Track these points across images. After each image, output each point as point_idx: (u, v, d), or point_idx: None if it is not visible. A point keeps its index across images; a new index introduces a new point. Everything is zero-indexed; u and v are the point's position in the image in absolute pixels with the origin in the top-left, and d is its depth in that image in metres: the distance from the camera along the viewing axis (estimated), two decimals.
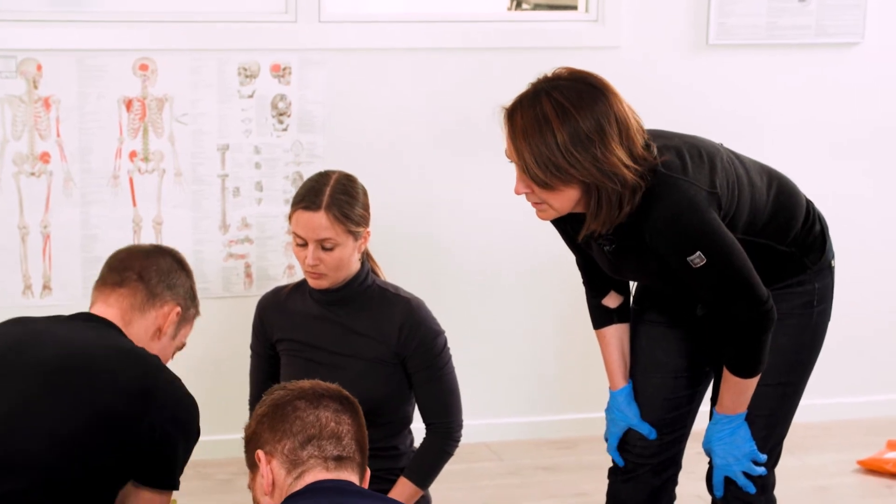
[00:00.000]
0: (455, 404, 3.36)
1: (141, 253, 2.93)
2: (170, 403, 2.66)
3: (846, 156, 4.81)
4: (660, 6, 4.58)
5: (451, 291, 4.58)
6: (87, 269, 4.27)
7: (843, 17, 4.66)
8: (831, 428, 4.87)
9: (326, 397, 2.42)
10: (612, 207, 2.80)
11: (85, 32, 4.21)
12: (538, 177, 2.77)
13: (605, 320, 3.22)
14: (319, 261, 3.21)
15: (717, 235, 2.85)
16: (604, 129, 2.75)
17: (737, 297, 2.90)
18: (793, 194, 3.12)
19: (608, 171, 2.75)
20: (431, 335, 3.29)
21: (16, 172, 4.21)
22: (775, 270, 3.04)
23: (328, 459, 2.37)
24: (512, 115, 2.82)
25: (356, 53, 4.39)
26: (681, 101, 4.61)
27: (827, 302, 3.15)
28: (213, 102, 4.31)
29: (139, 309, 2.84)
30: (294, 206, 3.26)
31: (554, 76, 2.84)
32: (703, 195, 2.85)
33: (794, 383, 3.15)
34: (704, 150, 2.96)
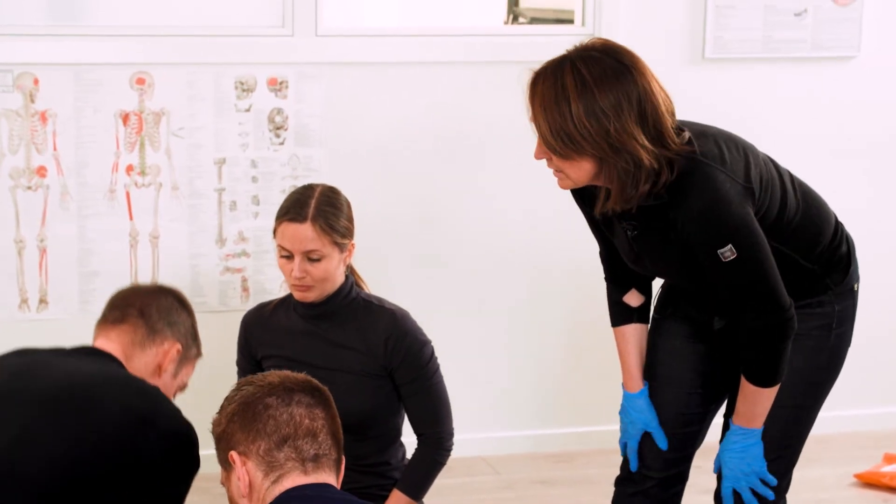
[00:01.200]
0: (445, 414, 3.35)
1: (142, 291, 2.95)
2: (170, 433, 2.65)
3: (843, 168, 4.82)
4: (656, 20, 4.59)
5: (448, 304, 4.59)
6: (84, 284, 4.27)
7: (838, 30, 4.68)
8: (828, 441, 4.86)
9: (298, 391, 2.38)
10: (624, 186, 2.78)
11: (82, 46, 4.21)
12: (551, 144, 2.77)
13: (626, 318, 3.17)
14: (306, 273, 3.20)
15: (750, 231, 2.82)
16: (621, 107, 2.74)
17: (759, 298, 2.86)
18: (822, 210, 3.09)
19: (620, 149, 2.73)
20: (418, 345, 3.28)
21: (12, 186, 4.21)
22: (796, 286, 2.98)
23: (306, 461, 2.33)
24: (535, 82, 2.82)
25: (353, 67, 4.40)
26: (677, 115, 4.61)
27: (847, 325, 3.09)
28: (210, 116, 4.31)
29: (139, 345, 2.84)
30: (279, 218, 3.25)
31: (586, 46, 2.84)
32: (740, 188, 2.82)
33: (808, 406, 3.10)
34: (741, 144, 2.95)
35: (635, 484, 3.22)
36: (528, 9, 5.48)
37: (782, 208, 2.96)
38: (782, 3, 4.61)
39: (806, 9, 4.63)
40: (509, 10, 5.59)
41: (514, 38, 4.70)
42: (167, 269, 4.34)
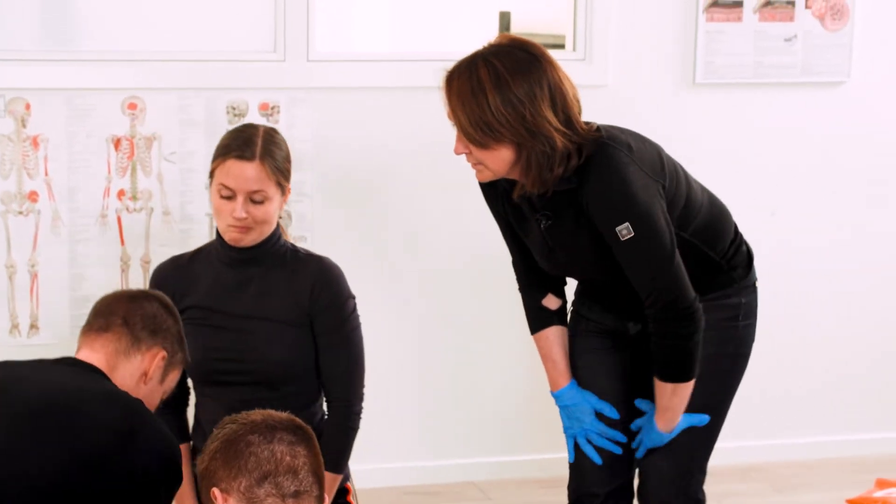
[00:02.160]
0: (357, 375, 3.28)
1: (126, 298, 2.93)
2: (152, 446, 2.64)
3: (833, 191, 4.84)
4: (647, 45, 4.61)
5: (437, 325, 4.59)
6: (75, 308, 4.26)
7: (828, 56, 4.70)
8: (820, 466, 4.87)
9: (280, 429, 2.40)
10: (542, 168, 2.92)
11: (73, 71, 4.22)
12: (472, 135, 2.92)
13: (546, 322, 3.27)
14: (248, 214, 3.16)
15: (649, 214, 2.93)
16: (535, 94, 2.90)
17: (663, 286, 2.96)
18: (723, 211, 3.23)
19: (537, 132, 2.89)
20: (343, 297, 3.25)
21: (4, 211, 4.21)
22: (706, 278, 3.11)
23: (286, 497, 2.35)
24: (450, 79, 2.98)
25: (344, 92, 4.41)
26: (668, 139, 4.58)
27: (752, 319, 3.23)
28: (202, 141, 4.31)
29: (124, 353, 2.82)
30: (222, 156, 3.18)
31: (495, 43, 3.01)
32: (644, 175, 2.95)
33: (719, 393, 3.21)
34: (648, 141, 3.09)
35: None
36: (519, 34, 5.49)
37: (689, 202, 3.09)
38: (772, 28, 4.63)
39: (796, 34, 4.65)
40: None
41: None
42: None
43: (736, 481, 4.71)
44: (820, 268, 4.87)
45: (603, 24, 4.55)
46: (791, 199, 4.81)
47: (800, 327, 4.87)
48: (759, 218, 4.75)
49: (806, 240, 4.84)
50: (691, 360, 3.04)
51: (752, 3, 4.61)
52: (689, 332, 3.00)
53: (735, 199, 4.71)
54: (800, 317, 4.86)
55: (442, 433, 4.65)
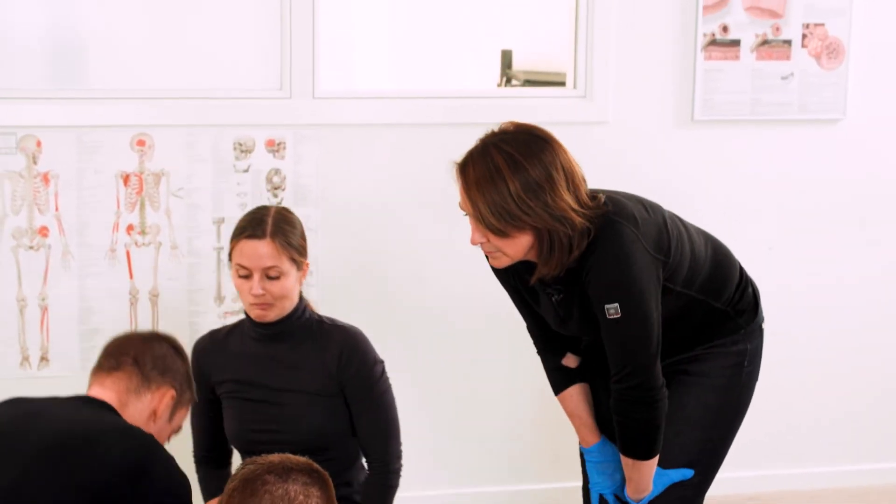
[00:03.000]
0: (392, 435, 3.35)
1: (137, 339, 2.99)
2: (163, 480, 2.69)
3: (828, 230, 4.88)
4: (646, 83, 4.66)
5: (437, 359, 4.63)
6: (85, 341, 4.32)
7: (824, 94, 4.75)
8: (821, 497, 4.89)
9: (295, 471, 2.47)
10: (563, 251, 2.91)
11: (83, 109, 4.28)
12: (493, 225, 2.89)
13: (569, 381, 3.28)
14: (265, 290, 3.23)
15: (642, 298, 2.92)
16: (552, 177, 2.88)
17: (632, 368, 2.96)
18: (727, 256, 3.23)
19: (559, 216, 2.87)
20: (370, 362, 3.32)
21: (14, 246, 4.27)
22: (711, 328, 3.14)
23: None
24: (464, 168, 2.95)
25: (349, 129, 4.46)
26: (667, 175, 4.69)
27: (757, 362, 3.24)
28: (209, 177, 4.37)
29: (135, 392, 2.88)
30: (236, 237, 3.28)
31: (501, 130, 2.98)
32: (647, 256, 2.94)
33: (716, 439, 3.22)
34: (651, 206, 3.08)
35: None
36: (521, 71, 5.56)
37: (693, 260, 3.08)
38: (769, 66, 4.69)
39: (792, 72, 4.71)
40: (503, 73, 5.67)
41: (508, 99, 4.78)
42: (167, 326, 4.37)
43: None
44: (817, 304, 4.91)
45: (603, 61, 4.61)
46: (788, 235, 4.85)
47: (799, 360, 4.90)
48: (757, 253, 4.80)
49: (803, 276, 4.89)
50: (649, 442, 3.05)
51: (749, 42, 4.67)
52: (646, 418, 3.01)
53: (732, 235, 4.76)
54: (799, 350, 4.90)
55: (450, 463, 4.68)
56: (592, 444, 3.27)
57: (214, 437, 3.45)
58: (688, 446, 3.16)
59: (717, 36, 4.64)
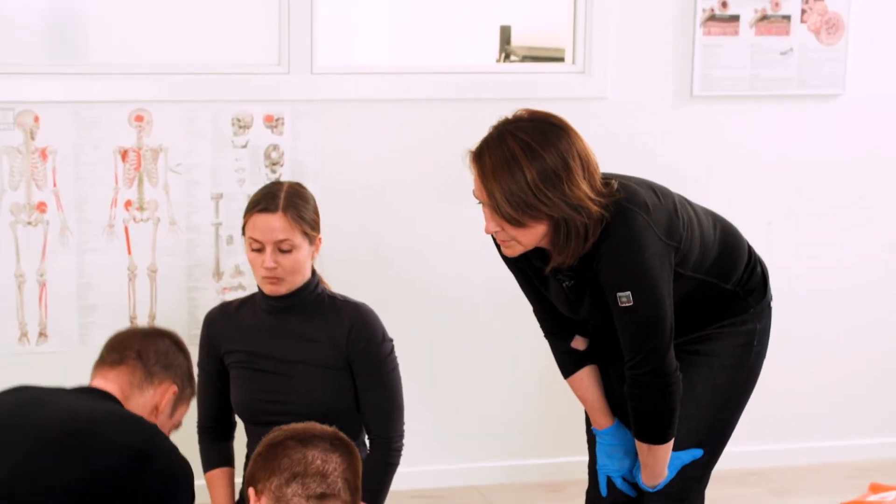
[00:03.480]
0: (396, 413, 3.38)
1: (140, 334, 3.01)
2: (167, 467, 2.69)
3: (826, 205, 4.89)
4: (645, 58, 4.66)
5: (440, 336, 4.64)
6: (83, 317, 4.33)
7: (823, 69, 4.75)
8: (815, 471, 4.91)
9: (317, 437, 2.49)
10: (579, 240, 2.88)
11: (81, 85, 4.28)
12: (510, 215, 2.85)
13: (578, 364, 3.25)
14: (277, 264, 3.25)
15: (653, 284, 2.91)
16: (569, 165, 2.84)
17: (645, 355, 2.95)
18: (735, 237, 3.21)
19: (576, 205, 2.84)
20: (378, 339, 3.34)
21: (13, 222, 4.27)
22: (720, 309, 3.14)
23: (310, 498, 2.41)
24: (480, 156, 2.89)
25: (347, 104, 4.46)
26: (666, 151, 4.69)
27: (764, 343, 3.23)
28: (208, 152, 4.37)
29: (137, 386, 2.89)
30: (249, 211, 3.30)
31: (515, 118, 2.92)
32: (659, 243, 2.92)
33: (726, 418, 3.23)
34: (662, 191, 3.05)
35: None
36: (519, 47, 5.55)
37: (703, 245, 3.06)
38: (769, 42, 4.69)
39: (792, 48, 4.71)
40: (501, 48, 5.66)
41: (507, 75, 4.77)
42: (165, 302, 4.40)
43: (733, 486, 4.75)
44: (815, 277, 4.92)
45: (602, 37, 4.60)
46: (787, 210, 4.86)
47: (795, 335, 4.91)
48: (756, 229, 4.80)
49: (802, 248, 4.89)
50: (664, 426, 3.04)
51: (748, 17, 4.66)
52: (661, 404, 3.00)
53: (730, 211, 4.77)
54: (795, 324, 4.91)
55: (446, 438, 4.70)
56: (605, 427, 3.26)
57: (220, 408, 3.47)
58: (697, 427, 3.16)
59: (716, 11, 4.63)
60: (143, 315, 4.38)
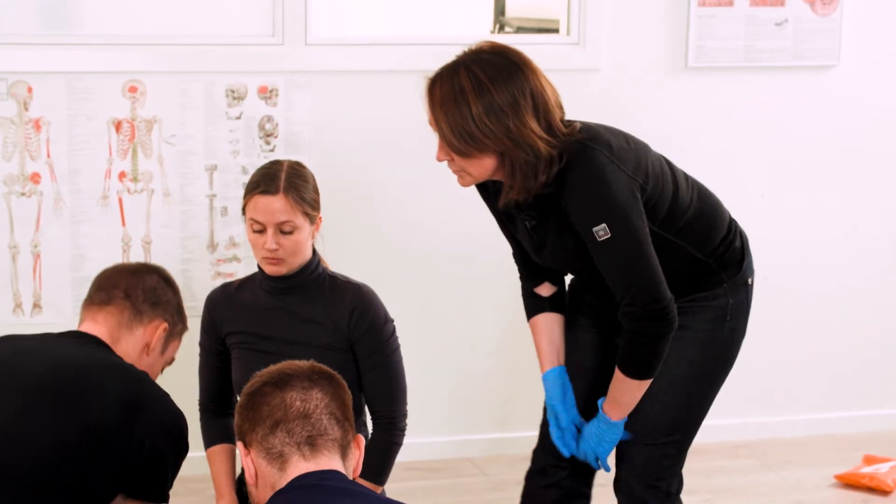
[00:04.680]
0: (400, 394, 3.37)
1: (127, 271, 2.98)
2: (158, 418, 2.70)
3: (820, 177, 4.89)
4: (640, 29, 4.66)
5: (435, 306, 4.65)
6: (77, 288, 4.33)
7: (818, 40, 4.74)
8: (809, 443, 4.94)
9: (294, 377, 2.36)
10: (526, 177, 2.91)
11: (75, 55, 4.27)
12: (454, 145, 2.90)
13: (538, 308, 3.27)
14: (279, 245, 3.26)
15: (627, 215, 2.90)
16: (518, 103, 2.87)
17: (637, 287, 2.94)
18: (715, 207, 3.18)
19: (521, 142, 2.87)
20: (380, 320, 3.34)
21: (6, 193, 4.27)
22: (692, 280, 3.10)
23: (301, 445, 2.31)
24: (432, 87, 2.94)
25: (341, 75, 4.46)
26: (660, 123, 4.69)
27: (741, 318, 3.18)
28: (201, 124, 4.37)
29: (126, 326, 2.88)
30: (250, 192, 3.29)
31: (476, 49, 2.96)
32: (624, 176, 2.92)
33: (700, 395, 3.19)
34: (632, 139, 3.06)
35: (546, 477, 3.32)
36: (514, 18, 5.54)
37: (674, 201, 3.05)
38: (763, 13, 4.68)
39: (786, 19, 4.70)
40: (496, 20, 5.64)
41: None
42: None
43: (725, 458, 4.77)
44: (809, 248, 4.94)
45: (596, 8, 4.60)
46: (781, 182, 4.87)
47: (788, 308, 4.93)
48: (749, 201, 4.81)
49: (795, 221, 4.90)
50: (656, 360, 3.02)
51: None
52: (661, 333, 2.97)
53: (725, 183, 4.78)
54: (788, 297, 4.92)
55: (440, 411, 4.71)
56: (550, 368, 3.24)
57: (220, 387, 3.48)
58: (670, 403, 3.13)
59: None
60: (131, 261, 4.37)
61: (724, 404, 4.92)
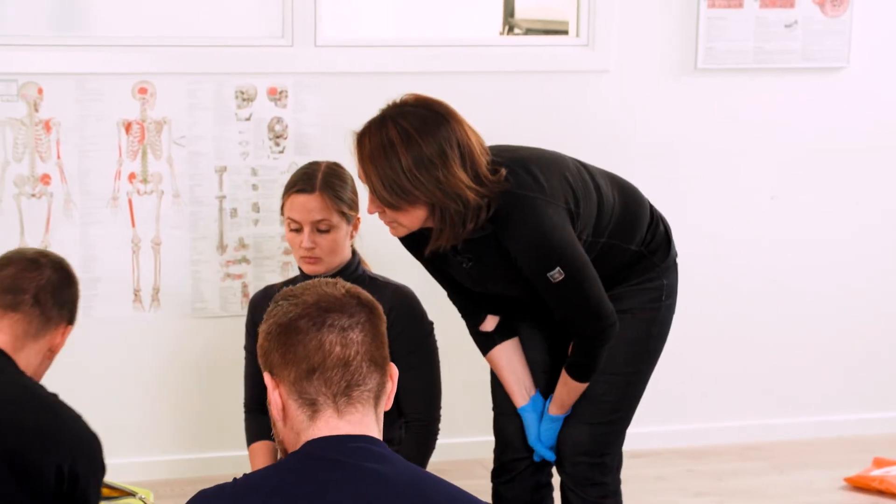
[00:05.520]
0: (434, 397, 3.41)
1: (30, 267, 2.78)
2: (72, 443, 2.62)
3: (830, 178, 4.88)
4: (649, 31, 4.65)
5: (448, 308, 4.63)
6: (87, 290, 4.29)
7: (827, 42, 4.74)
8: (819, 445, 4.93)
9: (333, 312, 2.13)
10: (455, 226, 2.96)
11: (85, 56, 4.28)
12: (386, 199, 2.94)
13: (490, 344, 3.34)
14: (315, 244, 3.27)
15: (574, 250, 3.02)
16: (446, 154, 2.91)
17: (587, 311, 3.07)
18: (636, 198, 3.27)
19: (451, 193, 2.91)
20: (419, 321, 3.37)
21: (17, 194, 4.28)
22: (626, 269, 3.22)
23: (337, 396, 2.10)
24: (361, 140, 2.98)
25: (351, 77, 4.46)
26: (669, 124, 4.69)
27: (673, 297, 3.31)
28: (211, 125, 4.38)
29: (33, 336, 2.75)
30: (287, 192, 3.33)
31: (401, 102, 3.01)
32: (561, 211, 3.01)
33: (642, 371, 3.30)
34: (551, 162, 3.11)
35: (508, 472, 3.41)
36: (523, 20, 5.54)
37: (600, 208, 3.14)
38: (773, 14, 4.68)
39: (796, 20, 4.70)
40: (505, 21, 5.65)
41: (510, 48, 4.77)
42: (168, 275, 4.40)
43: (736, 460, 4.77)
44: (819, 250, 4.93)
45: (606, 9, 4.60)
46: (790, 184, 4.86)
47: (798, 308, 4.92)
48: (759, 202, 4.81)
49: (805, 223, 4.89)
50: (597, 365, 3.17)
51: None
52: (605, 341, 3.13)
53: (734, 184, 4.80)
54: (798, 297, 4.92)
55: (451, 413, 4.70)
56: (523, 405, 3.34)
57: (264, 389, 3.48)
58: (615, 381, 3.24)
59: None
60: (147, 287, 4.38)
61: (735, 406, 4.94)
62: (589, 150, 4.33)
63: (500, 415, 3.41)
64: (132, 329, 4.40)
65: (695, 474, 4.66)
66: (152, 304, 4.40)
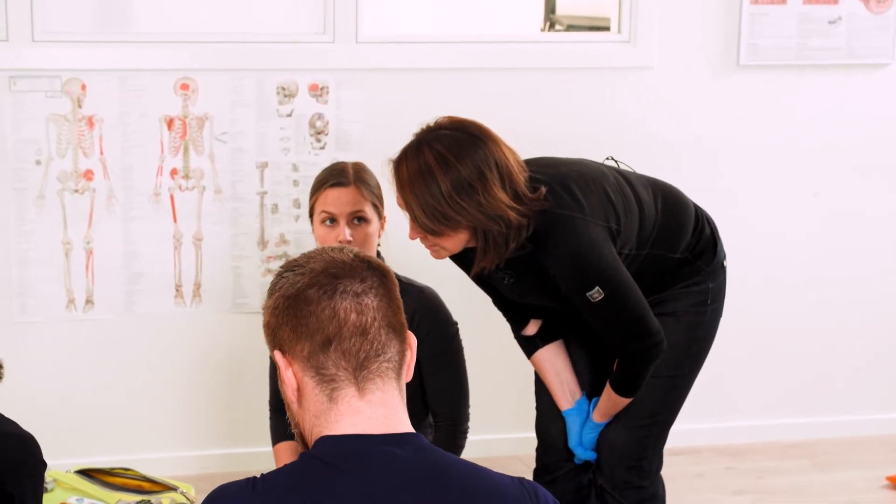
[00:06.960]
0: (463, 396, 3.40)
1: None
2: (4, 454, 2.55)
3: (873, 176, 4.85)
4: (691, 27, 4.64)
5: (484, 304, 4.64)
6: (129, 285, 4.36)
7: (872, 38, 4.71)
8: (860, 444, 4.90)
9: (343, 278, 1.96)
10: (498, 246, 2.96)
11: (128, 53, 4.30)
12: (427, 226, 2.94)
13: (532, 348, 3.36)
14: (352, 236, 3.29)
15: (614, 271, 3.00)
16: (485, 175, 2.89)
17: (631, 331, 3.06)
18: (679, 202, 3.25)
19: (492, 215, 2.90)
20: (443, 322, 3.37)
21: (60, 189, 4.31)
22: (673, 275, 3.21)
23: (357, 370, 1.93)
24: (398, 167, 2.98)
25: (392, 73, 4.47)
26: (711, 121, 4.67)
27: (720, 301, 3.29)
28: (252, 121, 4.39)
29: None
30: (319, 188, 3.35)
31: (435, 126, 3.00)
32: (601, 230, 2.99)
33: (685, 375, 3.29)
34: (591, 179, 3.08)
35: (550, 473, 3.40)
36: (564, 16, 5.54)
37: (642, 221, 3.12)
38: (816, 10, 4.65)
39: (840, 16, 4.67)
40: (546, 18, 5.64)
41: (551, 45, 4.76)
42: (210, 270, 4.42)
43: (776, 458, 4.75)
44: (862, 247, 4.90)
45: (648, 5, 4.58)
46: (833, 181, 4.83)
47: (841, 307, 4.90)
48: (802, 199, 4.78)
49: (848, 220, 4.87)
50: (641, 383, 3.16)
51: None
52: (652, 359, 3.12)
53: (777, 181, 4.77)
54: (842, 296, 4.89)
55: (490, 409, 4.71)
56: (567, 409, 3.35)
57: None
58: (655, 385, 3.22)
59: None
60: (189, 282, 4.41)
61: (776, 404, 4.92)
62: (630, 147, 4.33)
63: (544, 416, 3.42)
64: (173, 324, 4.42)
65: (734, 472, 4.65)
66: (193, 300, 4.42)
